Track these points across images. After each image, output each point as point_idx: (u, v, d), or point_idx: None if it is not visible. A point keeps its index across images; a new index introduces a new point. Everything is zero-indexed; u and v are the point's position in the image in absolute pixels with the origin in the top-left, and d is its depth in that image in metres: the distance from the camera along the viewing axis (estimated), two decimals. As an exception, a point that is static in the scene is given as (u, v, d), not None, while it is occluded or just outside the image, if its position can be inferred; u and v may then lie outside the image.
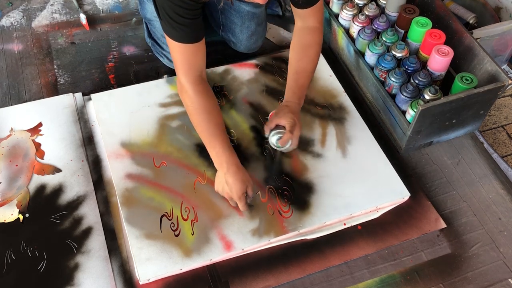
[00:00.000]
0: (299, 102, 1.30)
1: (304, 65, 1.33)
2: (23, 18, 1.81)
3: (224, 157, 1.22)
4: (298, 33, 1.37)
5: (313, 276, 1.22)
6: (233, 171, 1.21)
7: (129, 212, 1.26)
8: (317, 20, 1.35)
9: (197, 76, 1.26)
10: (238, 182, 1.21)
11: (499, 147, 1.60)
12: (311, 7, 1.31)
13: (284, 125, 1.25)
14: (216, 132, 1.24)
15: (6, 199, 1.30)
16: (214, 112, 1.26)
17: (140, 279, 1.16)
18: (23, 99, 1.55)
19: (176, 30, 1.17)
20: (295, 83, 1.31)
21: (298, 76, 1.32)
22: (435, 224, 1.31)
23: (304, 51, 1.34)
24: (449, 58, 1.39)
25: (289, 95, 1.30)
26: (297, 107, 1.29)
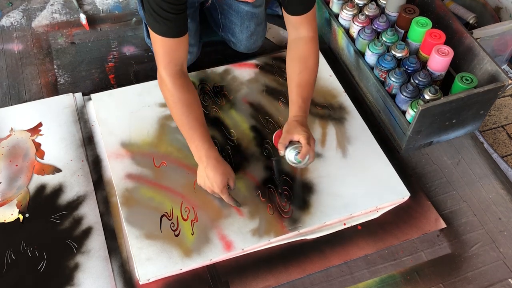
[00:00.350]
0: (305, 115, 1.27)
1: (306, 78, 1.30)
2: (23, 18, 1.81)
3: (203, 151, 1.22)
4: (294, 45, 1.33)
5: (313, 276, 1.22)
6: (213, 165, 1.21)
7: (129, 212, 1.26)
8: (312, 29, 1.32)
9: (177, 70, 1.25)
10: (218, 175, 1.21)
11: (499, 147, 1.60)
12: (304, 15, 1.29)
13: (298, 140, 1.22)
14: (195, 126, 1.23)
15: (6, 199, 1.30)
16: (193, 105, 1.25)
17: (140, 279, 1.16)
18: (23, 99, 1.55)
19: (159, 23, 1.17)
20: (299, 97, 1.27)
21: (301, 89, 1.28)
22: (435, 224, 1.31)
23: (304, 63, 1.31)
24: (449, 58, 1.39)
25: (296, 110, 1.27)
26: (305, 120, 1.26)
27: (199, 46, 1.63)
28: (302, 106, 1.27)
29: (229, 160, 1.38)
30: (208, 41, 1.73)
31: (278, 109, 1.51)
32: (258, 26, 1.60)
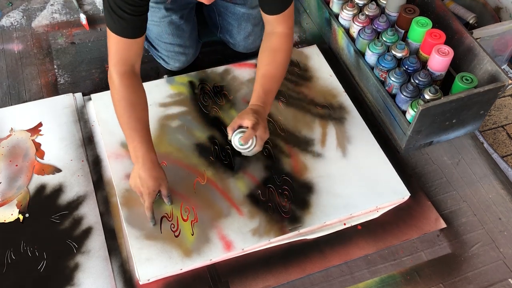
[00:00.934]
0: (264, 106, 1.25)
1: (272, 70, 1.29)
2: (23, 18, 1.81)
3: (140, 152, 1.20)
4: (267, 38, 1.32)
5: (313, 276, 1.22)
6: (148, 167, 1.19)
7: (129, 213, 1.26)
8: (287, 26, 1.31)
9: (127, 69, 1.22)
10: (150, 179, 1.19)
11: (499, 147, 1.60)
12: (280, 14, 1.27)
13: (247, 126, 1.21)
14: (136, 126, 1.21)
15: (6, 199, 1.30)
16: (137, 106, 1.22)
17: (140, 279, 1.16)
18: (23, 99, 1.55)
19: (114, 21, 1.16)
20: (261, 87, 1.27)
21: (265, 80, 1.28)
22: (435, 224, 1.31)
23: (272, 56, 1.30)
24: (449, 58, 1.39)
25: (254, 99, 1.26)
26: (262, 110, 1.25)
27: (197, 47, 1.63)
28: (262, 97, 1.26)
29: (229, 160, 1.38)
30: (208, 41, 1.72)
31: (278, 109, 1.51)
32: (255, 26, 1.60)
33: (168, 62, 1.58)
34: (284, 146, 1.42)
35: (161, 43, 1.55)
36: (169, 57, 1.57)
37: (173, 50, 1.55)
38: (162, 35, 1.53)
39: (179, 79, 1.58)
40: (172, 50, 1.55)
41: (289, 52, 1.32)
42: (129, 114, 1.21)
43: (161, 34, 1.53)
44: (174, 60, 1.57)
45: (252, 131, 1.20)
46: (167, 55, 1.57)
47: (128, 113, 1.21)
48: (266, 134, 1.25)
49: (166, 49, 1.55)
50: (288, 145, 1.42)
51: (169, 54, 1.56)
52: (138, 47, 1.23)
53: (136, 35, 1.19)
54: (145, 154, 1.20)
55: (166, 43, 1.54)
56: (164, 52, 1.57)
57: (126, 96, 1.22)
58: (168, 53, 1.56)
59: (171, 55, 1.56)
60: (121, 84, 1.21)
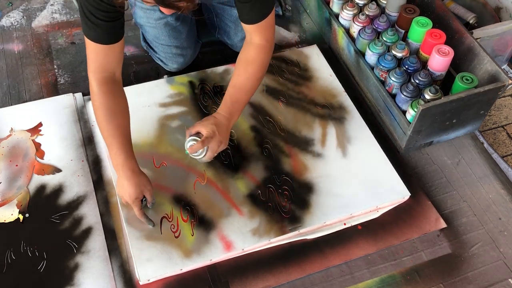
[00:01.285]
0: (229, 117, 1.24)
1: (242, 81, 1.28)
2: (23, 18, 1.81)
3: (119, 160, 1.19)
4: (244, 48, 1.31)
5: (313, 276, 1.22)
6: (127, 176, 1.18)
7: (129, 213, 1.26)
8: (264, 37, 1.27)
9: (105, 76, 1.21)
10: (131, 187, 1.18)
11: (499, 147, 1.60)
12: (257, 24, 1.24)
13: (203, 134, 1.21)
14: (114, 134, 1.19)
15: (6, 199, 1.30)
16: (116, 113, 1.21)
17: (140, 280, 1.16)
18: (23, 99, 1.55)
19: (89, 28, 1.14)
20: (229, 97, 1.26)
21: (234, 90, 1.27)
22: (435, 224, 1.31)
23: (245, 68, 1.28)
24: (449, 58, 1.39)
25: (221, 108, 1.26)
26: (225, 121, 1.23)
27: (195, 48, 1.62)
28: (229, 107, 1.25)
29: (229, 160, 1.38)
30: (208, 41, 1.72)
31: (278, 109, 1.51)
32: None
33: (167, 63, 1.58)
34: (284, 146, 1.42)
35: (159, 44, 1.55)
36: (167, 58, 1.57)
37: (171, 51, 1.55)
38: (159, 37, 1.53)
39: (179, 79, 1.58)
40: (169, 52, 1.55)
41: (263, 64, 1.30)
42: (107, 121, 1.19)
43: (157, 36, 1.53)
44: (172, 61, 1.57)
45: (201, 144, 1.19)
46: (165, 56, 1.57)
47: (106, 121, 1.20)
48: (221, 147, 1.23)
49: (164, 50, 1.55)
50: (288, 145, 1.42)
51: (166, 56, 1.56)
52: (117, 53, 1.21)
53: (112, 41, 1.18)
54: (124, 162, 1.19)
55: (163, 44, 1.54)
56: (162, 54, 1.57)
57: (104, 103, 1.20)
58: (165, 54, 1.56)
59: (168, 57, 1.56)
60: (100, 91, 1.20)
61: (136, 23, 1.59)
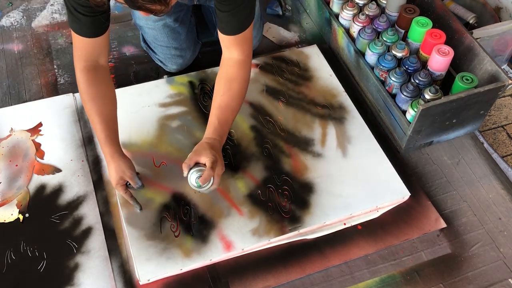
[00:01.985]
0: (220, 139, 1.22)
1: (227, 100, 1.25)
2: (23, 18, 1.81)
3: (102, 146, 1.22)
4: (224, 64, 1.29)
5: (313, 276, 1.22)
6: (107, 161, 1.22)
7: (129, 213, 1.26)
8: (243, 52, 1.26)
9: (88, 64, 1.22)
10: (112, 172, 1.21)
11: (499, 147, 1.60)
12: (235, 36, 1.23)
13: (204, 163, 1.17)
14: (95, 120, 1.21)
15: (6, 199, 1.30)
16: (96, 100, 1.22)
17: (140, 280, 1.16)
18: (23, 99, 1.55)
19: (72, 20, 1.16)
20: (216, 119, 1.23)
21: (220, 111, 1.24)
22: (435, 224, 1.31)
23: (228, 86, 1.26)
24: (449, 58, 1.39)
25: (210, 132, 1.22)
26: (218, 144, 1.21)
27: (195, 48, 1.62)
28: (218, 129, 1.22)
29: (229, 160, 1.38)
30: (208, 41, 1.72)
31: (278, 109, 1.51)
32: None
33: (166, 64, 1.58)
34: (284, 146, 1.42)
35: (158, 46, 1.55)
36: (166, 59, 1.57)
37: (170, 53, 1.55)
38: (158, 38, 1.53)
39: (179, 79, 1.58)
40: (168, 53, 1.55)
41: (245, 81, 1.28)
42: (89, 107, 1.22)
43: (156, 37, 1.53)
44: (172, 62, 1.57)
45: (211, 171, 1.15)
46: (164, 57, 1.57)
47: (88, 107, 1.22)
48: (223, 170, 1.20)
49: (163, 52, 1.56)
50: (288, 145, 1.42)
51: (166, 57, 1.56)
52: (100, 44, 1.22)
53: (94, 35, 1.19)
54: (104, 148, 1.21)
55: (162, 46, 1.54)
56: (162, 55, 1.57)
57: (86, 90, 1.22)
58: (165, 56, 1.56)
59: (168, 58, 1.56)
60: (81, 78, 1.23)
61: (136, 24, 1.59)
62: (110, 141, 1.21)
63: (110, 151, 1.21)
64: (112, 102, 1.25)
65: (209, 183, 1.17)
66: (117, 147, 1.23)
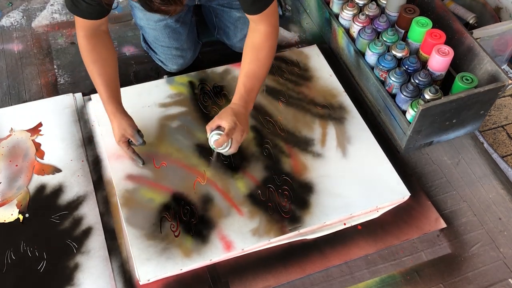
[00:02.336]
0: (245, 105, 1.26)
1: (254, 68, 1.28)
2: (23, 18, 1.81)
3: (105, 105, 1.29)
4: (251, 34, 1.31)
5: (313, 276, 1.22)
6: (111, 119, 1.30)
7: (129, 213, 1.26)
8: (270, 23, 1.28)
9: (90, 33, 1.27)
10: (114, 129, 1.30)
11: (499, 147, 1.60)
12: (261, 13, 1.25)
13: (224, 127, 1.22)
14: (98, 81, 1.28)
15: (6, 199, 1.30)
16: (99, 63, 1.28)
17: (140, 280, 1.16)
18: (23, 99, 1.55)
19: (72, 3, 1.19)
20: (243, 86, 1.27)
21: (247, 79, 1.27)
22: (435, 224, 1.31)
23: (255, 54, 1.29)
24: (449, 58, 1.39)
25: (237, 98, 1.27)
26: (243, 110, 1.25)
27: (195, 48, 1.62)
28: (243, 96, 1.27)
29: (229, 160, 1.38)
30: (208, 41, 1.73)
31: (278, 109, 1.51)
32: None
33: (167, 64, 1.58)
34: (284, 146, 1.42)
35: (159, 46, 1.55)
36: (167, 60, 1.57)
37: (171, 53, 1.55)
38: (159, 38, 1.53)
39: (179, 79, 1.58)
40: (169, 53, 1.55)
41: (272, 50, 1.31)
42: (91, 70, 1.28)
43: (157, 37, 1.53)
44: (172, 62, 1.57)
45: (227, 137, 1.21)
46: (165, 58, 1.57)
47: (90, 70, 1.29)
48: (244, 136, 1.25)
49: (164, 52, 1.56)
50: (288, 145, 1.42)
51: (166, 57, 1.56)
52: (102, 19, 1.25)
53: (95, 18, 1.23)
54: (106, 107, 1.29)
55: (163, 46, 1.54)
56: (162, 55, 1.57)
57: (87, 54, 1.28)
58: (165, 56, 1.56)
59: (168, 58, 1.56)
60: (83, 43, 1.27)
61: (136, 24, 1.59)
62: (112, 100, 1.28)
63: (112, 110, 1.28)
64: (113, 64, 1.31)
65: (226, 146, 1.24)
66: (118, 106, 1.30)
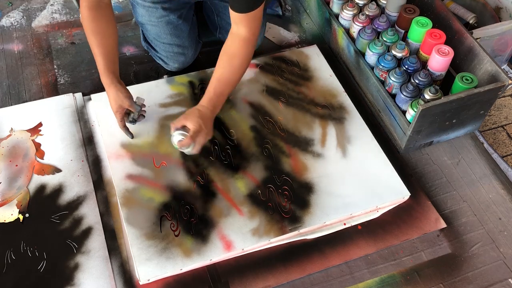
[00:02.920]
0: (213, 109, 1.28)
1: (227, 74, 1.30)
2: (23, 18, 1.81)
3: (102, 77, 1.31)
4: (230, 39, 1.32)
5: (313, 276, 1.22)
6: (107, 90, 1.32)
7: (129, 213, 1.26)
8: (249, 30, 1.28)
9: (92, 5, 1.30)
10: (111, 101, 1.32)
11: (499, 147, 1.60)
12: (245, 14, 1.25)
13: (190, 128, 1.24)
14: (97, 52, 1.30)
15: (6, 199, 1.30)
16: (99, 34, 1.31)
17: (140, 279, 1.16)
18: (23, 99, 1.55)
19: None
20: (213, 90, 1.29)
21: (218, 84, 1.30)
22: (435, 224, 1.31)
23: (229, 61, 1.31)
24: (449, 58, 1.39)
25: (205, 101, 1.29)
26: (209, 113, 1.27)
27: (196, 48, 1.62)
28: (213, 99, 1.29)
29: (229, 160, 1.38)
30: (208, 41, 1.72)
31: (278, 109, 1.51)
32: None
33: (167, 62, 1.58)
34: (284, 146, 1.42)
35: (160, 43, 1.55)
36: (168, 57, 1.57)
37: (172, 50, 1.55)
38: (161, 35, 1.53)
39: (179, 79, 1.58)
40: (171, 51, 1.55)
41: (247, 58, 1.32)
42: (91, 41, 1.32)
43: (159, 34, 1.53)
44: (173, 60, 1.57)
45: (190, 140, 1.23)
46: (166, 55, 1.57)
47: (90, 41, 1.32)
48: (207, 138, 1.28)
49: (165, 49, 1.56)
50: (288, 145, 1.42)
51: (168, 55, 1.56)
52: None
53: None
54: (103, 78, 1.31)
55: (164, 43, 1.54)
56: (163, 52, 1.57)
57: (89, 26, 1.31)
58: (167, 53, 1.56)
59: (170, 56, 1.56)
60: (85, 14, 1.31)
61: (137, 22, 1.59)
62: (108, 71, 1.30)
63: (108, 81, 1.30)
64: (112, 37, 1.34)
65: (190, 148, 1.26)
66: (114, 77, 1.31)
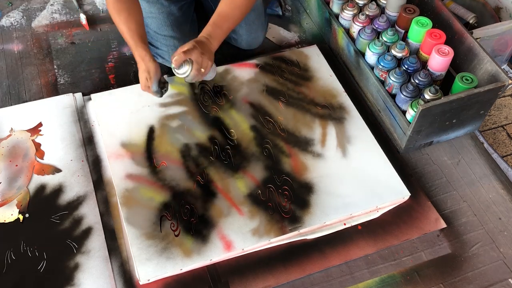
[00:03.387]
0: (209, 38, 1.32)
1: (227, 10, 1.35)
2: (23, 18, 1.81)
3: (133, 51, 1.35)
4: None
5: (313, 276, 1.22)
6: (139, 63, 1.35)
7: (129, 213, 1.26)
8: None
9: None
10: (140, 72, 1.35)
11: (499, 147, 1.60)
12: None
13: None
14: (124, 29, 1.35)
15: (6, 199, 1.30)
16: (123, 12, 1.35)
17: (140, 279, 1.16)
18: (23, 99, 1.55)
19: None
20: (213, 22, 1.34)
21: (217, 17, 1.35)
22: (435, 224, 1.31)
23: None
24: (449, 58, 1.39)
25: (203, 32, 1.34)
26: (204, 40, 1.31)
27: None
28: (209, 30, 1.33)
29: (229, 160, 1.38)
30: (208, 41, 1.72)
31: (278, 109, 1.51)
32: (257, 19, 1.60)
33: (167, 59, 1.57)
34: (284, 146, 1.42)
35: (160, 36, 1.55)
36: (168, 52, 1.56)
37: (173, 43, 1.55)
38: (161, 27, 1.53)
39: (179, 79, 1.58)
40: (171, 44, 1.55)
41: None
42: (117, 20, 1.36)
43: (160, 27, 1.53)
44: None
45: (183, 55, 1.26)
46: (167, 49, 1.56)
47: (116, 20, 1.36)
48: (204, 59, 1.29)
49: (166, 43, 1.55)
50: (288, 145, 1.42)
51: (168, 49, 1.55)
52: None
53: None
54: (135, 52, 1.35)
55: (165, 36, 1.54)
56: (164, 47, 1.56)
57: (113, 5, 1.36)
58: (168, 47, 1.55)
59: (170, 50, 1.55)
60: None
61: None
62: (140, 45, 1.34)
63: (139, 53, 1.34)
64: (138, 13, 1.38)
65: (187, 70, 1.28)
66: (143, 50, 1.34)
